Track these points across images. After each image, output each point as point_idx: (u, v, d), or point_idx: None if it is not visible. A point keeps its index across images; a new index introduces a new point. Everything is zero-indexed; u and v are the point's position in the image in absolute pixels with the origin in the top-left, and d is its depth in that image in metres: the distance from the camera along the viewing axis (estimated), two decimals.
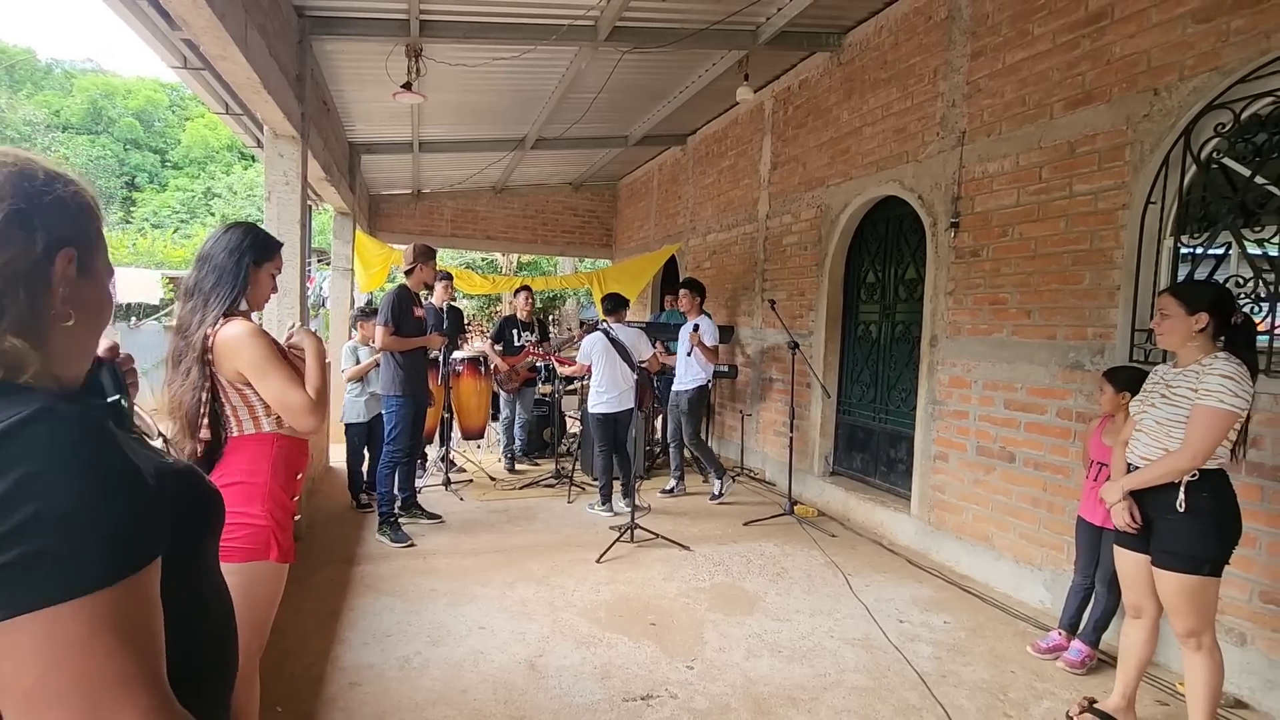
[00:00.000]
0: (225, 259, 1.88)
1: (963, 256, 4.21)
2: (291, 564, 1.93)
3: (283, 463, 1.88)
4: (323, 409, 1.86)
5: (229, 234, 1.92)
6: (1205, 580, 2.23)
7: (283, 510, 1.87)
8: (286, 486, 1.89)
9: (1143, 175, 3.18)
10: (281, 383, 1.79)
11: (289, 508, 1.90)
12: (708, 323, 5.71)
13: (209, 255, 1.88)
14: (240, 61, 2.93)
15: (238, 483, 1.82)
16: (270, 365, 1.79)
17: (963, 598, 3.79)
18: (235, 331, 1.79)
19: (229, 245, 1.89)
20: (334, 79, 5.61)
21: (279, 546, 1.84)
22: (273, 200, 4.16)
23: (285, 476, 1.89)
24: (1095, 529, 3.02)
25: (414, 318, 4.48)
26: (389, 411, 4.48)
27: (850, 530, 4.94)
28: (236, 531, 1.80)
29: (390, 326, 4.32)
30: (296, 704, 2.57)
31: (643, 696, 2.69)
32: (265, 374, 1.79)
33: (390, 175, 9.26)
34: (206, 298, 1.84)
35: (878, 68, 5.04)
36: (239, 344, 1.78)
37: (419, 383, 4.50)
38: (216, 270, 1.86)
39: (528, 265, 15.41)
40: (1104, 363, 3.30)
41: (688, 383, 5.64)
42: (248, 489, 1.82)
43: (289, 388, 1.80)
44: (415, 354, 4.48)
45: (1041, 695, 2.81)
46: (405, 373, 4.41)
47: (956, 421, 4.25)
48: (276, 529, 1.83)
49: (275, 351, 1.82)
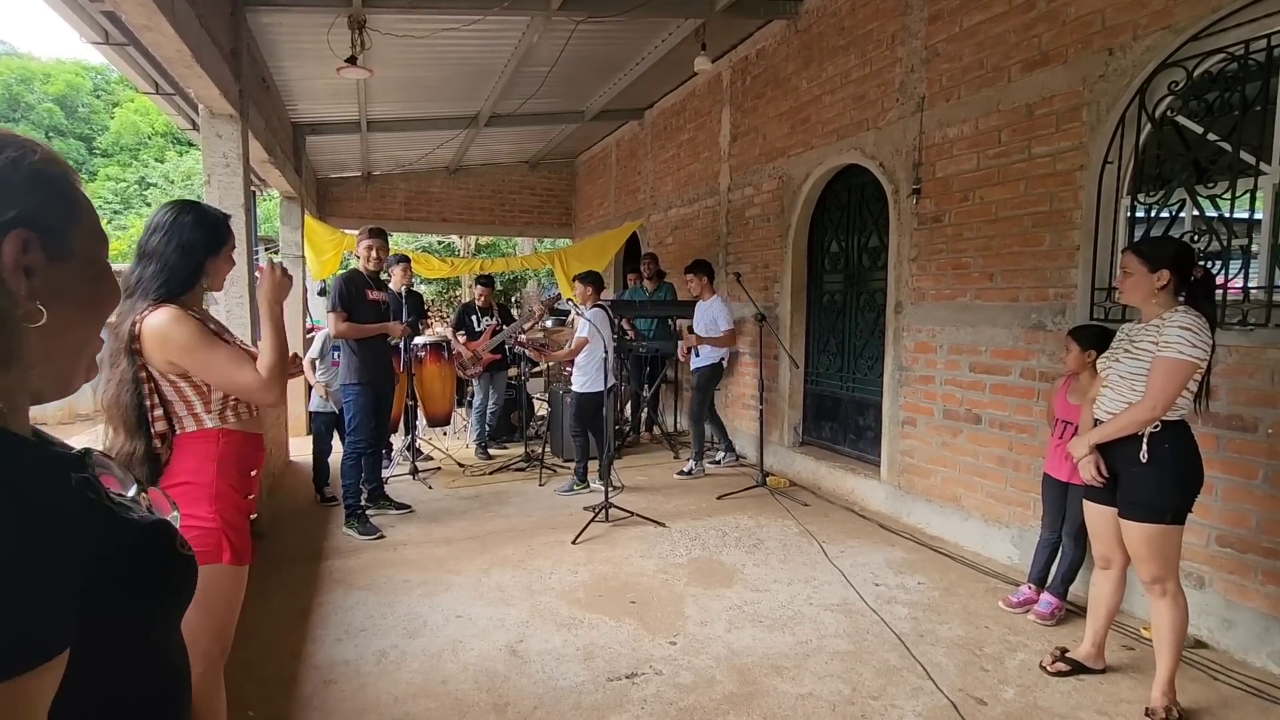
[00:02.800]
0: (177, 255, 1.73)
1: (925, 223, 4.24)
2: (251, 564, 1.84)
3: (231, 460, 1.75)
4: (278, 382, 1.73)
5: (171, 223, 1.75)
6: (1168, 529, 2.30)
7: (234, 510, 1.75)
8: (238, 485, 1.77)
9: (1099, 135, 3.22)
10: (224, 363, 1.66)
11: (243, 507, 1.78)
12: (719, 306, 5.66)
13: (154, 252, 1.74)
14: (168, 33, 2.72)
15: (184, 483, 1.70)
16: (205, 347, 1.66)
17: (935, 558, 3.87)
18: (159, 319, 1.66)
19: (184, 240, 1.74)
20: (273, 54, 5.32)
21: (232, 548, 1.73)
22: (213, 184, 3.93)
23: (235, 475, 1.76)
24: (1061, 485, 3.10)
25: (367, 301, 4.29)
26: (347, 401, 4.33)
27: (822, 499, 4.99)
28: (185, 535, 1.70)
29: (342, 312, 4.16)
30: (270, 706, 2.47)
31: (627, 675, 2.67)
32: (201, 357, 1.65)
33: (338, 157, 8.90)
34: (144, 290, 1.71)
35: (836, 34, 5.00)
36: (165, 331, 1.65)
37: (377, 370, 4.33)
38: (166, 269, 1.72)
39: (486, 247, 15.10)
40: (1065, 322, 3.36)
41: (701, 360, 5.66)
42: (194, 489, 1.70)
43: (233, 367, 1.67)
44: (373, 340, 4.31)
45: (1015, 648, 2.89)
46: (361, 359, 4.25)
47: (923, 386, 4.31)
48: (228, 530, 1.72)
49: (204, 330, 1.68)
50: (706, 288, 5.74)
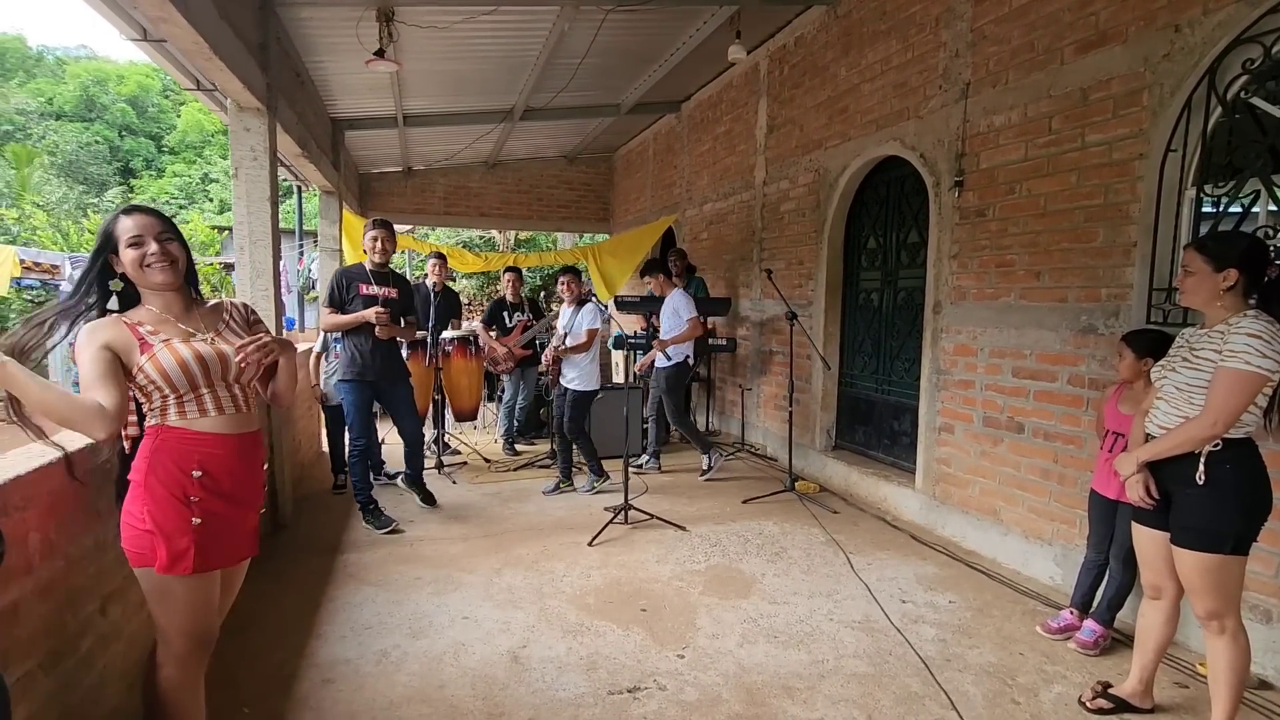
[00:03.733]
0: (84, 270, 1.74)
1: (967, 217, 3.98)
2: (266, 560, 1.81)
3: (166, 458, 1.67)
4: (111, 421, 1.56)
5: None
6: (1228, 559, 2.05)
7: (168, 513, 1.65)
8: (173, 486, 1.66)
9: (1162, 121, 2.93)
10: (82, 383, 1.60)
11: (182, 512, 1.66)
12: (680, 296, 5.47)
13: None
14: (182, 24, 2.72)
15: (131, 479, 1.68)
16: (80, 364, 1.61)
17: (969, 575, 3.63)
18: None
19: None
20: (309, 49, 5.36)
21: (167, 554, 1.64)
22: (240, 177, 3.96)
23: (169, 475, 1.66)
24: (1110, 503, 2.84)
25: (361, 295, 4.16)
26: (341, 397, 4.32)
27: (853, 506, 4.78)
28: (126, 532, 1.68)
29: (330, 308, 4.15)
30: (266, 704, 2.44)
31: (629, 689, 2.55)
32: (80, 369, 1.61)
33: (379, 152, 9.01)
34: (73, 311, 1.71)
35: (876, 19, 4.75)
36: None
37: (365, 365, 4.16)
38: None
39: (525, 242, 15.17)
40: (1119, 325, 3.09)
41: (665, 362, 5.45)
42: (134, 487, 1.67)
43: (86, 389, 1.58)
44: (361, 334, 4.15)
45: (1052, 679, 2.66)
46: (349, 354, 4.18)
47: (962, 391, 4.06)
48: (159, 535, 1.64)
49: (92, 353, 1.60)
50: (666, 284, 5.54)
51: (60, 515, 1.77)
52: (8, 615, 1.56)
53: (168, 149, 28.66)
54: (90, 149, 24.86)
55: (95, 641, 1.95)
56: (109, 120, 27.79)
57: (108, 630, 2.02)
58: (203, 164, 27.48)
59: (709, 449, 5.53)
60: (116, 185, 24.13)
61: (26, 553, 1.64)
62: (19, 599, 1.60)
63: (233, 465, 1.77)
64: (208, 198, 25.54)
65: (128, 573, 2.12)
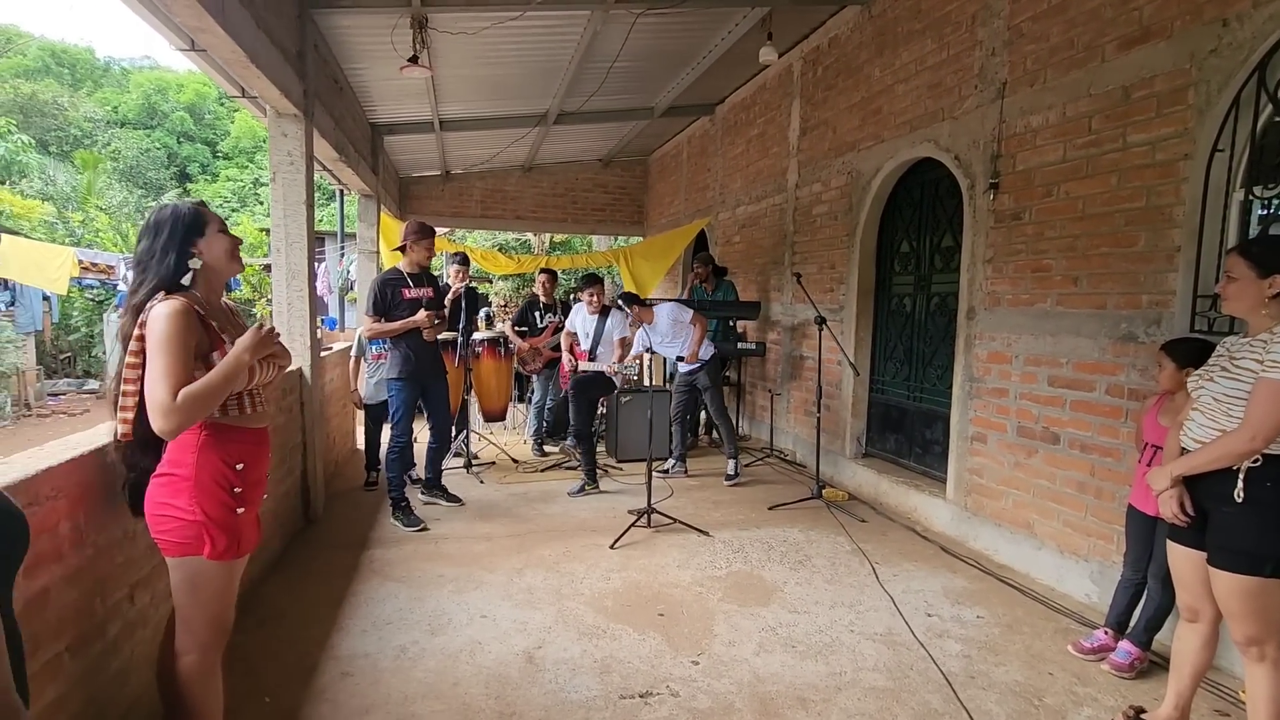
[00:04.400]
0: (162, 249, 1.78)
1: (1003, 220, 3.86)
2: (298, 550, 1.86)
3: (214, 453, 1.74)
4: (182, 416, 1.63)
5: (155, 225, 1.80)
6: (1268, 582, 1.94)
7: (217, 504, 1.73)
8: (221, 479, 1.75)
9: (1209, 120, 2.80)
10: (158, 371, 1.63)
11: (228, 502, 1.75)
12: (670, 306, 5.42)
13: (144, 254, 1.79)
14: (220, 34, 2.82)
15: (168, 474, 1.73)
16: (160, 350, 1.64)
17: (1000, 589, 3.52)
18: (159, 309, 1.68)
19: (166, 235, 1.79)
20: (347, 57, 5.51)
21: (212, 543, 1.72)
22: (278, 181, 4.09)
23: (216, 468, 1.74)
24: (1149, 519, 2.72)
25: (405, 300, 4.27)
26: (389, 395, 4.40)
27: (882, 515, 4.67)
28: (167, 524, 1.72)
29: (374, 316, 4.24)
30: (287, 694, 2.51)
31: (641, 694, 2.54)
32: (153, 356, 1.65)
33: (417, 156, 9.20)
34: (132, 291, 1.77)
35: (911, 18, 4.65)
36: (154, 320, 1.67)
37: (418, 364, 4.30)
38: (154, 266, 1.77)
39: (560, 245, 15.29)
40: (1161, 334, 2.95)
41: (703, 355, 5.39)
42: (175, 481, 1.72)
43: (159, 380, 1.63)
44: (411, 337, 4.28)
45: (1082, 701, 2.55)
46: (400, 354, 4.29)
47: (996, 400, 3.94)
48: (209, 525, 1.72)
49: (178, 338, 1.66)
50: (644, 311, 5.31)
51: (90, 505, 1.85)
52: (38, 600, 1.63)
53: (222, 154, 29.77)
54: (150, 155, 26.00)
55: (122, 628, 2.03)
56: (168, 127, 29.00)
57: (134, 617, 2.10)
58: (254, 168, 28.45)
59: (737, 454, 5.48)
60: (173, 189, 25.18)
61: (57, 540, 1.71)
62: (49, 585, 1.68)
63: (260, 459, 1.89)
64: (258, 200, 26.42)
65: (156, 561, 2.21)
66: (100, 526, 1.91)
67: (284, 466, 3.87)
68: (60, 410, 10.13)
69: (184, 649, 1.79)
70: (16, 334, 10.15)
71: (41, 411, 9.93)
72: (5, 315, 10.18)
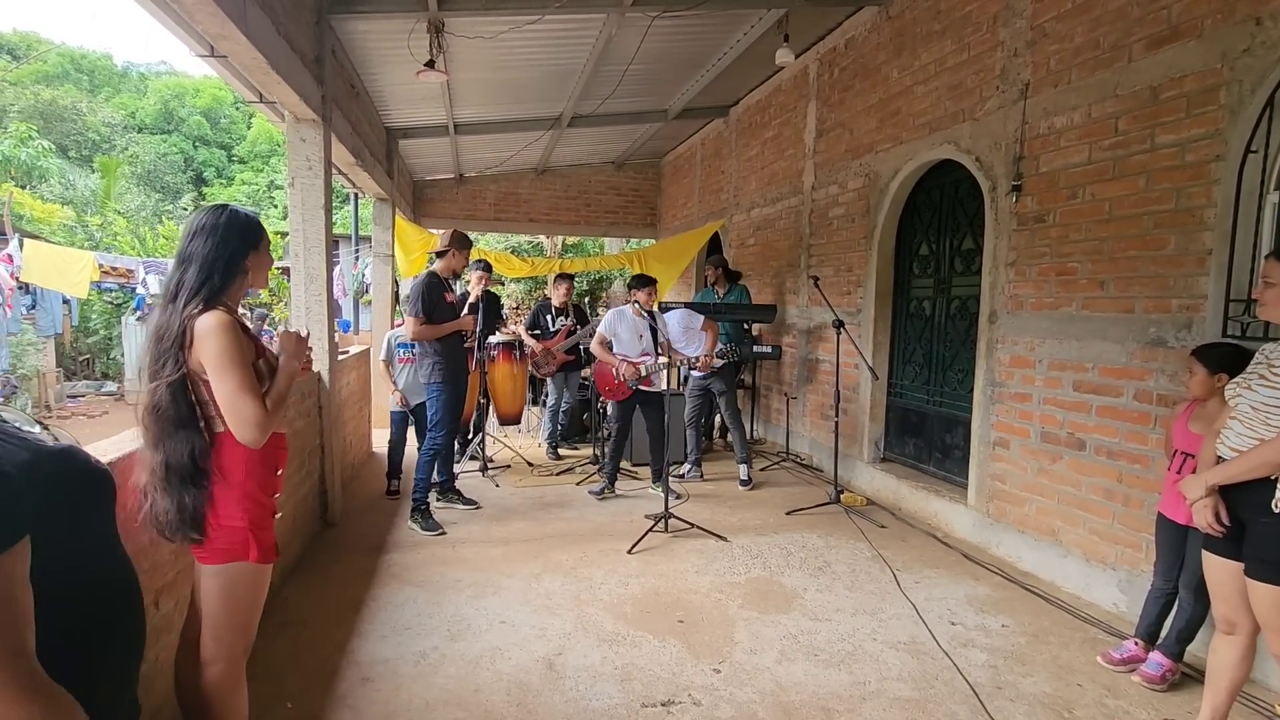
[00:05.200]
0: (214, 253, 1.77)
1: (1026, 223, 3.81)
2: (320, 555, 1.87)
3: (259, 461, 1.78)
4: (272, 424, 1.73)
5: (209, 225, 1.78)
6: None
7: (260, 510, 1.78)
8: (264, 485, 1.80)
9: (1241, 120, 2.74)
10: (236, 386, 1.67)
11: (268, 507, 1.81)
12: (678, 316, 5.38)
13: (193, 254, 1.77)
14: (241, 41, 2.83)
15: (214, 482, 1.72)
16: (229, 365, 1.67)
17: (1025, 598, 3.46)
18: (208, 321, 1.68)
19: (220, 238, 1.78)
20: (363, 62, 5.54)
21: (258, 547, 1.76)
22: (296, 186, 4.10)
23: (262, 475, 1.79)
24: (1179, 528, 2.66)
25: (446, 304, 4.40)
26: (430, 399, 4.42)
27: (901, 521, 4.63)
28: (213, 532, 1.72)
29: (421, 317, 4.26)
30: (308, 700, 2.50)
31: (663, 702, 2.52)
32: (222, 373, 1.67)
33: (431, 160, 9.24)
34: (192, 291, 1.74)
35: (930, 19, 4.61)
36: (206, 334, 1.67)
37: (457, 368, 4.42)
38: (205, 268, 1.75)
39: (573, 247, 15.30)
40: (1191, 339, 2.90)
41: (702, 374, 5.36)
42: (223, 489, 1.72)
43: (242, 394, 1.67)
44: (451, 340, 4.39)
45: (1113, 714, 2.50)
46: (443, 359, 4.34)
47: (1019, 405, 3.88)
48: (254, 529, 1.75)
49: (240, 351, 1.70)
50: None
51: (119, 510, 1.84)
52: None
53: (237, 158, 30.10)
54: (167, 159, 26.34)
55: (148, 634, 2.02)
56: (185, 132, 29.38)
57: (160, 623, 2.10)
58: (269, 172, 28.74)
59: (750, 459, 5.45)
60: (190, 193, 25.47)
61: None
62: None
63: (285, 463, 1.92)
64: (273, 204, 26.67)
65: (181, 567, 2.22)
66: (128, 532, 1.91)
67: (303, 470, 3.88)
68: (80, 412, 10.26)
69: (212, 658, 1.79)
70: (38, 337, 10.29)
71: (61, 413, 10.05)
72: (26, 318, 10.32)
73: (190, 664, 1.82)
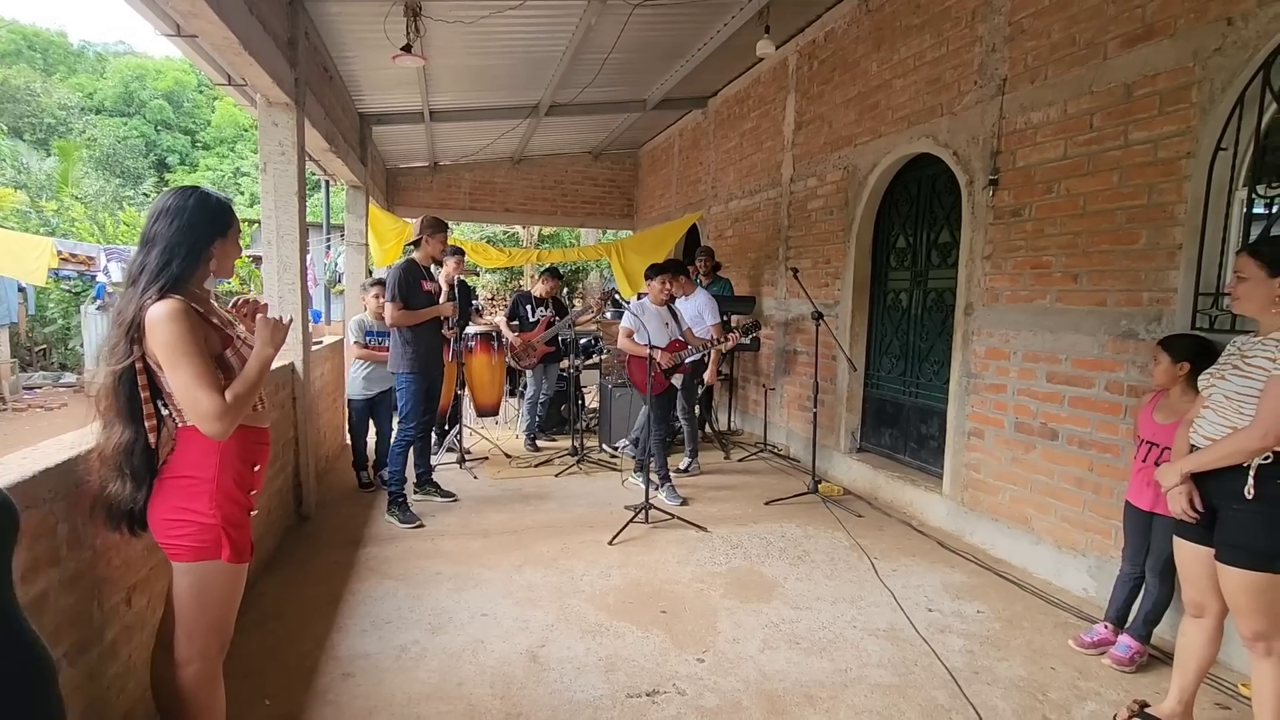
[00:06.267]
0: (179, 236, 1.70)
1: (1002, 217, 3.87)
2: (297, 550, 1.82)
3: (234, 456, 1.71)
4: (234, 416, 1.65)
5: (174, 208, 1.71)
6: (1276, 578, 1.96)
7: (235, 507, 1.71)
8: (240, 481, 1.73)
9: (1212, 118, 2.81)
10: (188, 377, 1.59)
11: (244, 504, 1.75)
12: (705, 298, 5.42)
13: (157, 236, 1.70)
14: (213, 19, 2.74)
15: (185, 477, 1.67)
16: (180, 356, 1.59)
17: (998, 584, 3.54)
18: (158, 310, 1.61)
19: (186, 222, 1.71)
20: (336, 44, 5.40)
21: (231, 545, 1.69)
22: (269, 172, 3.99)
23: (238, 470, 1.73)
24: (1144, 514, 2.75)
25: (423, 291, 4.33)
26: (399, 389, 4.36)
27: (878, 510, 4.69)
28: (183, 529, 1.66)
29: (399, 303, 4.19)
30: (287, 696, 2.46)
31: (648, 692, 2.52)
32: (173, 364, 1.59)
33: (405, 147, 9.08)
34: (152, 276, 1.67)
35: (910, 13, 4.64)
36: (156, 324, 1.60)
37: (429, 359, 4.35)
38: (169, 250, 1.68)
39: (549, 238, 15.19)
40: (1161, 331, 2.97)
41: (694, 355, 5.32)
42: (195, 484, 1.66)
43: (196, 386, 1.59)
44: (425, 330, 4.32)
45: (1085, 696, 2.57)
46: (414, 349, 4.27)
47: (993, 396, 3.96)
48: (228, 527, 1.69)
49: (193, 341, 1.61)
50: (687, 284, 5.35)
51: (88, 506, 1.79)
52: (36, 605, 1.57)
53: (202, 144, 29.20)
54: (127, 143, 25.43)
55: (120, 632, 1.97)
56: (147, 115, 28.37)
57: (132, 621, 2.04)
58: (235, 158, 27.95)
59: (696, 454, 5.53)
60: (151, 178, 24.68)
61: (55, 544, 1.65)
62: (47, 588, 1.62)
63: (266, 458, 1.86)
64: (239, 191, 25.97)
65: (154, 563, 2.15)
66: (98, 528, 1.84)
67: (277, 463, 3.80)
68: (37, 404, 9.91)
69: (187, 658, 1.73)
70: None
71: (17, 405, 9.70)
72: None
73: (165, 663, 1.77)
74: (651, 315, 4.87)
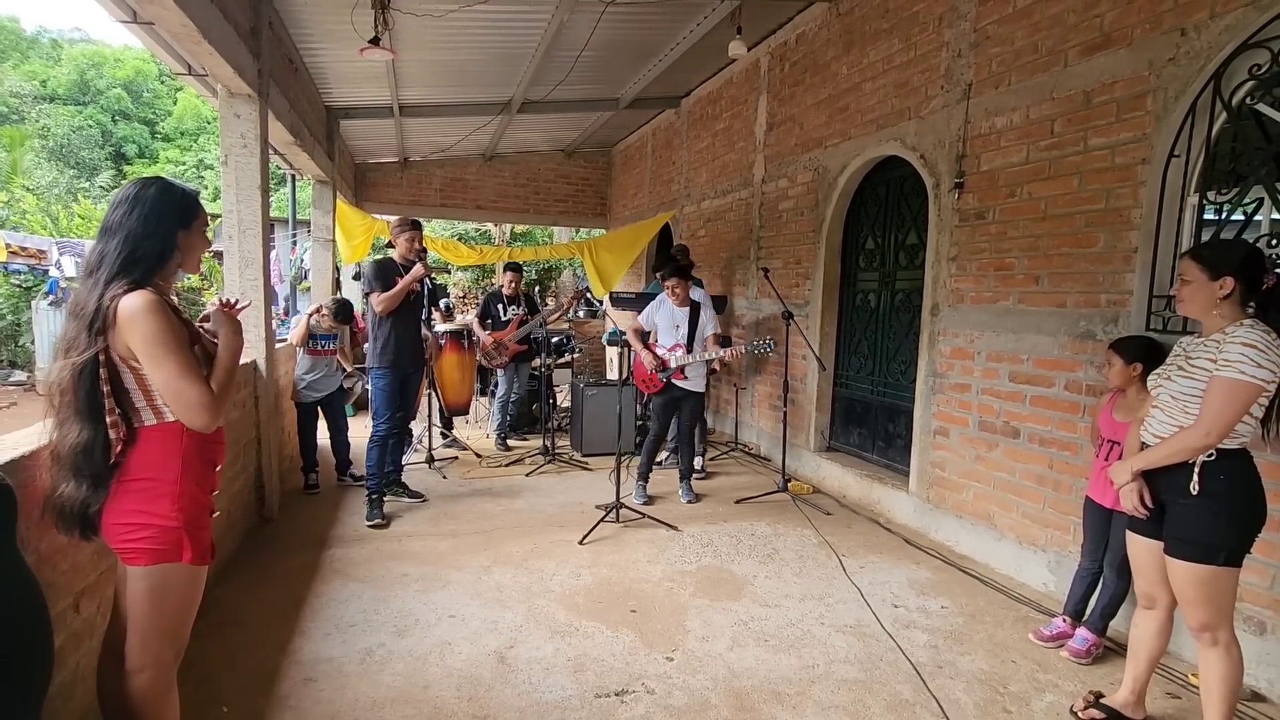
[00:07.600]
0: (142, 227, 1.64)
1: (967, 219, 3.95)
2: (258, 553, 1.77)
3: (195, 456, 1.67)
4: (222, 407, 1.65)
5: (134, 196, 1.66)
6: (1220, 571, 2.03)
7: (196, 507, 1.67)
8: (201, 482, 1.69)
9: (1166, 126, 2.90)
10: (175, 370, 1.56)
11: (206, 505, 1.71)
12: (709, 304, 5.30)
13: (117, 225, 1.64)
14: (169, 6, 2.65)
15: (144, 478, 1.61)
16: (163, 349, 1.56)
17: (962, 580, 3.61)
18: (134, 302, 1.56)
19: (148, 211, 1.65)
20: (303, 36, 5.28)
21: (193, 547, 1.65)
22: (230, 165, 3.89)
23: (199, 470, 1.69)
24: (1105, 511, 2.82)
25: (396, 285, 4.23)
26: (372, 384, 4.29)
27: (846, 508, 4.75)
28: (142, 532, 1.60)
29: (380, 292, 4.14)
30: (246, 702, 2.40)
31: (617, 692, 2.51)
32: (156, 358, 1.55)
33: (374, 142, 8.92)
34: (115, 266, 1.61)
35: (879, 17, 4.70)
36: (133, 317, 1.55)
37: (401, 353, 4.24)
38: (131, 240, 1.62)
39: (521, 235, 15.08)
40: (1118, 332, 3.06)
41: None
42: (156, 486, 1.61)
43: (184, 377, 1.57)
44: (400, 324, 4.23)
45: (1044, 688, 2.63)
46: (384, 343, 4.20)
47: (958, 395, 4.03)
48: (190, 528, 1.64)
49: (174, 332, 1.58)
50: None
51: (31, 508, 1.72)
52: None
53: (162, 135, 28.35)
54: (82, 133, 24.56)
55: (67, 639, 1.90)
56: (103, 104, 27.44)
57: (80, 627, 1.97)
58: (197, 151, 27.18)
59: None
60: (108, 170, 23.89)
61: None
62: None
63: (224, 457, 1.83)
64: (202, 185, 25.28)
65: (103, 568, 2.08)
66: (42, 531, 1.77)
67: (238, 464, 3.71)
68: None
69: (139, 666, 1.67)
70: None
71: None
72: None
73: (114, 672, 1.71)
74: (665, 313, 4.78)
